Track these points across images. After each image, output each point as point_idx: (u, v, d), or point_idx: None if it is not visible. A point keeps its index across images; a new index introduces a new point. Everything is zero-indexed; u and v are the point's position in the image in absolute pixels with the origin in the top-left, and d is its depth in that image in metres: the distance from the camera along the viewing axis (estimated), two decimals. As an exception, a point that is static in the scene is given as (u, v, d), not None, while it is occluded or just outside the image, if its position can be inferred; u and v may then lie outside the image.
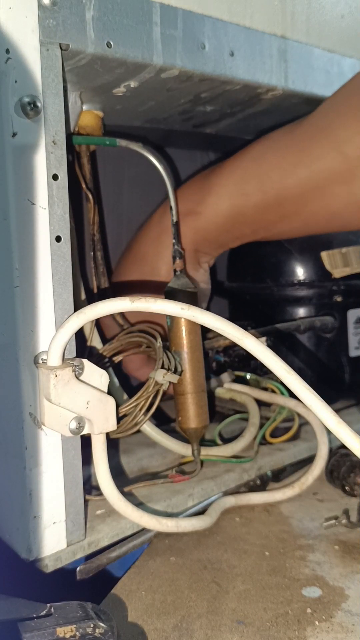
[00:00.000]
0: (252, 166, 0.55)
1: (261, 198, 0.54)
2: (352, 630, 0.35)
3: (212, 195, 0.56)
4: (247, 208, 0.55)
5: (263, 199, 0.54)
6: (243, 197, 0.55)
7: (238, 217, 0.56)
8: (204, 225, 0.56)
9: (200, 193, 0.57)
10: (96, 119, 0.53)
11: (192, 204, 0.57)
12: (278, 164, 0.54)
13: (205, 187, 0.57)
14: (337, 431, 0.35)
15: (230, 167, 0.57)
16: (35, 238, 0.37)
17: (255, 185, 0.54)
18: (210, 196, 0.56)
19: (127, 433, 0.48)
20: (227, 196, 0.55)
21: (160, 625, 0.36)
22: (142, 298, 0.36)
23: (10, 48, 0.35)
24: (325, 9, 0.56)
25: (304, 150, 0.52)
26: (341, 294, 0.64)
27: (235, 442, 0.54)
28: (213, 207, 0.56)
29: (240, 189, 0.55)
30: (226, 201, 0.55)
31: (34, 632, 0.29)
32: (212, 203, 0.56)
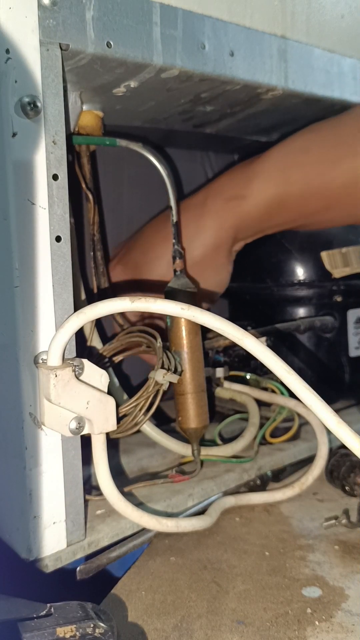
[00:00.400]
0: (298, 156, 0.57)
1: (305, 187, 0.56)
2: (352, 630, 0.35)
3: (258, 180, 0.57)
4: (290, 196, 0.57)
5: (307, 189, 0.56)
6: (288, 185, 0.57)
7: (281, 204, 0.58)
8: (248, 209, 0.58)
9: (246, 178, 0.58)
10: (96, 119, 0.53)
11: (237, 188, 0.58)
12: (323, 156, 0.56)
13: (250, 172, 0.58)
14: (337, 431, 0.35)
15: (277, 155, 0.58)
16: (35, 238, 0.37)
17: (300, 175, 0.56)
18: (256, 181, 0.57)
19: (127, 433, 0.48)
20: (273, 182, 0.57)
21: (160, 625, 0.36)
22: (142, 298, 0.36)
23: (10, 48, 0.35)
24: (325, 9, 0.56)
25: (349, 144, 0.55)
26: (341, 294, 0.64)
27: (235, 442, 0.54)
28: (258, 192, 0.57)
29: (286, 177, 0.57)
30: (271, 187, 0.57)
31: (34, 632, 0.29)
32: (258, 188, 0.57)
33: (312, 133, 0.58)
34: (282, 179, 0.57)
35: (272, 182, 0.57)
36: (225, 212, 0.58)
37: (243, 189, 0.58)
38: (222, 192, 0.58)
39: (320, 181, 0.56)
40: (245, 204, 0.57)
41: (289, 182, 0.57)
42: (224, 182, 0.59)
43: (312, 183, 0.56)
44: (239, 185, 0.58)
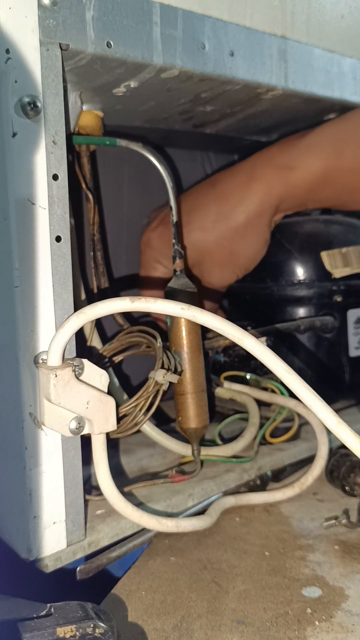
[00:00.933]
0: (352, 132, 0.59)
1: (355, 163, 0.58)
2: (352, 630, 0.35)
3: (309, 152, 0.59)
4: (339, 170, 0.59)
5: (356, 164, 0.58)
6: (338, 159, 0.58)
7: (329, 178, 0.59)
8: (296, 180, 0.59)
9: (297, 148, 0.60)
10: (96, 119, 0.53)
11: (288, 158, 0.59)
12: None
13: (303, 144, 0.60)
14: (337, 431, 0.35)
15: (330, 130, 0.60)
16: (35, 238, 0.37)
17: (352, 149, 0.58)
18: (307, 153, 0.59)
19: (127, 433, 0.48)
20: (324, 155, 0.59)
21: (160, 625, 0.36)
22: (142, 298, 0.36)
23: (10, 48, 0.35)
24: (325, 9, 0.56)
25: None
26: (341, 294, 0.64)
27: (235, 442, 0.54)
28: (308, 164, 0.59)
29: (337, 151, 0.58)
30: (321, 159, 0.58)
31: (34, 632, 0.29)
32: (308, 160, 0.59)
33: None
34: (334, 152, 0.59)
35: (323, 154, 0.59)
36: (274, 179, 0.59)
37: (294, 159, 0.59)
38: (272, 160, 0.60)
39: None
40: (295, 174, 0.59)
41: (340, 157, 0.58)
42: (275, 152, 0.61)
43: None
44: (290, 155, 0.60)
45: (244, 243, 0.61)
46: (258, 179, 0.60)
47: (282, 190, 0.60)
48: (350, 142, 0.58)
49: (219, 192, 0.61)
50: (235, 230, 0.60)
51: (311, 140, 0.60)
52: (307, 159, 0.59)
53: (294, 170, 0.59)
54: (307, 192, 0.60)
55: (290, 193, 0.60)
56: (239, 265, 0.63)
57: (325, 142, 0.59)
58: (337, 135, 0.59)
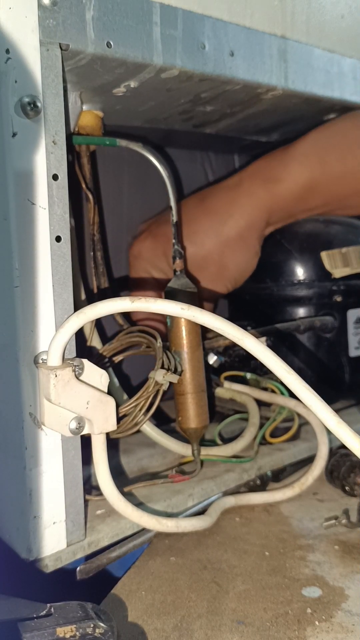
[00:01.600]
0: (336, 138, 0.59)
1: (341, 169, 0.58)
2: (352, 630, 0.35)
3: (294, 163, 0.59)
4: (326, 178, 0.59)
5: (342, 170, 0.58)
6: (324, 166, 0.59)
7: (317, 187, 0.59)
8: (283, 192, 0.59)
9: (282, 161, 0.60)
10: (96, 119, 0.53)
11: (273, 171, 0.60)
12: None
13: (288, 155, 0.60)
14: (337, 431, 0.35)
15: (313, 138, 0.60)
16: (35, 238, 0.37)
17: (336, 156, 0.58)
18: (292, 164, 0.59)
19: (127, 433, 0.48)
20: (309, 164, 0.59)
21: (160, 625, 0.36)
22: (142, 298, 0.36)
23: (10, 48, 0.35)
24: (325, 9, 0.56)
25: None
26: (341, 294, 0.64)
27: (235, 442, 0.54)
28: (294, 174, 0.59)
29: (322, 158, 0.59)
30: (307, 169, 0.59)
31: (34, 632, 0.29)
32: (294, 170, 0.59)
33: (349, 118, 0.60)
34: (318, 161, 0.59)
35: (308, 164, 0.59)
36: (261, 193, 0.59)
37: (280, 171, 0.59)
38: (258, 175, 0.60)
39: (355, 164, 0.58)
40: (282, 186, 0.59)
41: (326, 164, 0.58)
42: (261, 166, 0.61)
43: (348, 164, 0.58)
44: (275, 168, 0.60)
45: (235, 257, 0.61)
46: (245, 194, 0.60)
47: (271, 203, 0.60)
48: (333, 149, 0.59)
49: (208, 207, 0.61)
50: (226, 244, 0.60)
51: (295, 150, 0.60)
52: (293, 170, 0.59)
53: (281, 183, 0.59)
54: (296, 203, 0.60)
55: (279, 205, 0.60)
56: (230, 278, 0.62)
57: (309, 150, 0.59)
58: (320, 143, 0.59)
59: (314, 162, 0.59)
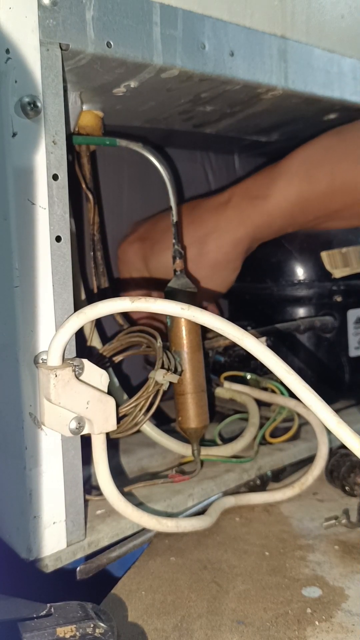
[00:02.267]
0: (323, 154, 0.58)
1: (329, 185, 0.57)
2: (352, 630, 0.35)
3: (282, 179, 0.58)
4: (314, 194, 0.58)
5: (330, 186, 0.58)
6: (312, 183, 0.58)
7: (305, 203, 0.59)
8: (271, 209, 0.59)
9: (270, 178, 0.59)
10: (96, 119, 0.53)
11: (261, 188, 0.59)
12: (347, 154, 0.58)
13: (275, 172, 0.59)
14: (337, 431, 0.35)
15: (301, 155, 0.59)
16: (35, 238, 0.37)
17: (324, 172, 0.58)
18: (280, 180, 0.58)
19: (127, 433, 0.48)
20: (297, 181, 0.58)
21: (160, 625, 0.36)
22: (142, 298, 0.36)
23: (11, 48, 0.35)
24: (325, 9, 0.56)
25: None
26: (341, 294, 0.64)
27: (235, 442, 0.54)
28: (282, 191, 0.58)
29: (310, 175, 0.58)
30: (295, 186, 0.58)
31: (34, 632, 0.29)
32: (281, 187, 0.58)
33: (336, 134, 0.60)
34: (306, 177, 0.58)
35: (296, 181, 0.58)
36: (248, 210, 0.59)
37: (267, 188, 0.59)
38: (247, 192, 0.60)
39: (343, 178, 0.57)
40: (269, 203, 0.58)
41: (313, 180, 0.58)
42: (249, 183, 0.60)
43: (336, 180, 0.57)
44: (263, 185, 0.59)
45: (214, 271, 0.60)
46: (232, 211, 0.59)
47: (258, 220, 0.59)
48: (321, 164, 0.58)
49: (196, 217, 0.61)
50: (207, 258, 0.59)
51: (283, 168, 0.59)
52: (280, 187, 0.58)
53: (268, 200, 0.58)
54: (284, 220, 0.60)
55: (266, 222, 0.59)
56: (208, 293, 0.61)
57: (296, 167, 0.59)
58: (308, 159, 0.59)
59: (302, 178, 0.58)
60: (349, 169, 0.57)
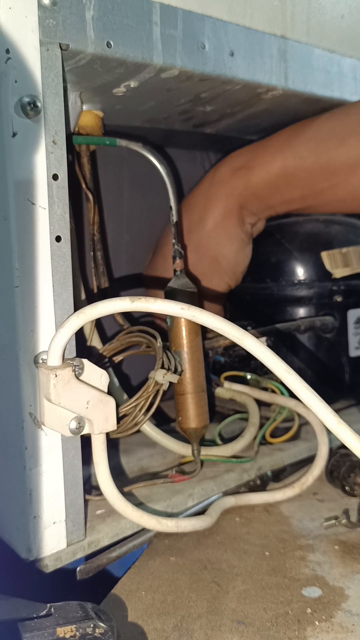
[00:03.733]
0: (308, 132, 0.59)
1: (314, 162, 0.58)
2: (352, 631, 0.35)
3: (267, 153, 0.59)
4: (299, 170, 0.58)
5: (315, 163, 0.58)
6: (297, 159, 0.58)
7: (289, 178, 0.59)
8: (255, 180, 0.59)
9: (255, 151, 0.60)
10: (96, 119, 0.53)
11: (245, 159, 0.60)
12: (332, 133, 0.58)
13: (260, 146, 0.60)
14: (337, 431, 0.35)
15: (288, 132, 0.60)
16: (35, 238, 0.37)
17: (310, 149, 0.58)
18: (265, 154, 0.59)
19: (127, 433, 0.48)
20: (281, 155, 0.59)
21: (160, 625, 0.36)
22: (142, 298, 0.36)
23: (11, 48, 0.35)
24: (325, 9, 0.56)
25: (357, 123, 0.57)
26: (341, 294, 0.64)
27: (235, 442, 0.54)
28: (265, 164, 0.59)
29: (295, 151, 0.58)
30: (279, 160, 0.58)
31: (34, 632, 0.29)
32: (265, 160, 0.59)
33: (323, 115, 0.60)
34: (291, 152, 0.58)
35: (280, 155, 0.58)
36: (233, 180, 0.60)
37: (251, 160, 0.60)
38: (231, 164, 0.61)
39: (329, 157, 0.57)
40: (252, 174, 0.59)
41: (298, 156, 0.58)
42: (233, 155, 0.61)
43: (321, 157, 0.57)
44: (247, 157, 0.60)
45: (219, 247, 0.61)
46: (217, 183, 0.60)
47: (242, 191, 0.60)
48: (306, 141, 0.58)
49: (187, 204, 0.63)
50: (208, 236, 0.60)
51: (268, 142, 0.60)
52: (264, 159, 0.59)
53: (252, 170, 0.59)
54: (270, 193, 0.60)
55: (251, 192, 0.60)
56: (226, 271, 0.63)
57: (281, 142, 0.59)
58: (293, 135, 0.59)
59: (287, 153, 0.59)
60: (334, 148, 0.57)
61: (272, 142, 0.60)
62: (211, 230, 0.61)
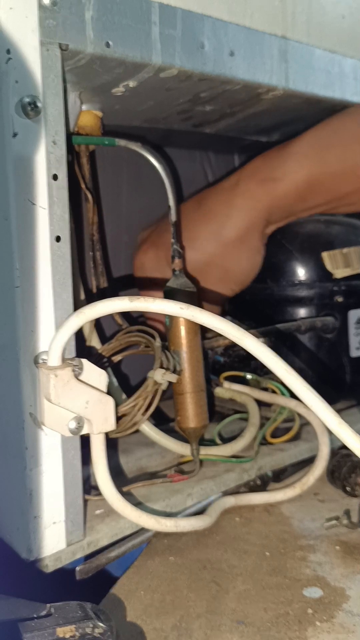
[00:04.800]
0: (333, 136, 0.58)
1: (340, 167, 0.57)
2: (353, 631, 0.35)
3: (292, 162, 0.58)
4: (325, 176, 0.58)
5: (341, 168, 0.57)
6: (322, 165, 0.57)
7: (315, 186, 0.58)
8: (282, 192, 0.58)
9: (280, 159, 0.59)
10: (95, 119, 0.53)
11: (271, 170, 0.58)
12: (358, 136, 0.57)
13: (284, 154, 0.59)
14: (338, 431, 0.35)
15: (311, 136, 0.59)
16: (35, 238, 0.37)
17: (335, 154, 0.57)
18: (290, 163, 0.58)
19: (126, 433, 0.48)
20: (307, 163, 0.58)
21: (159, 625, 0.36)
22: (141, 298, 0.36)
23: (11, 48, 0.36)
24: (326, 10, 0.56)
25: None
26: (342, 294, 0.64)
27: (234, 442, 0.54)
28: (292, 174, 0.58)
29: (321, 157, 0.58)
30: (305, 168, 0.58)
31: (34, 632, 0.29)
32: (292, 170, 0.58)
33: (347, 114, 0.60)
34: (316, 159, 0.58)
35: (306, 162, 0.58)
36: (259, 193, 0.58)
37: (277, 170, 0.58)
38: (256, 174, 0.59)
39: (354, 161, 0.57)
40: (279, 186, 0.58)
41: (324, 162, 0.57)
42: (257, 165, 0.60)
43: (346, 162, 0.57)
44: (272, 167, 0.59)
45: (237, 260, 0.60)
46: (242, 195, 0.59)
47: (269, 203, 0.59)
48: (332, 147, 0.58)
49: (206, 210, 0.61)
50: (226, 247, 0.59)
51: (292, 149, 0.59)
52: (290, 169, 0.58)
53: (279, 182, 0.58)
54: (295, 202, 0.60)
55: (277, 205, 0.59)
56: (235, 281, 0.62)
57: (307, 149, 0.58)
58: (318, 141, 0.59)
59: (313, 161, 0.58)
60: (357, 151, 0.57)
61: (295, 149, 0.59)
62: (231, 242, 0.59)
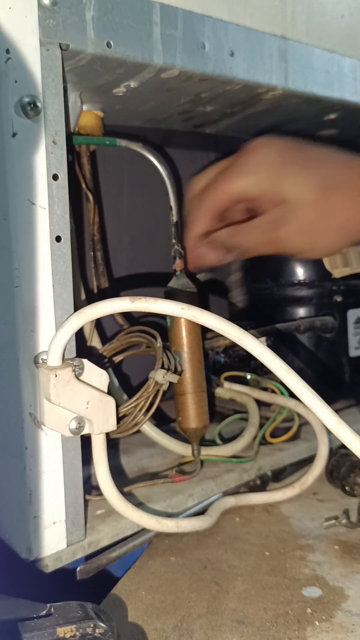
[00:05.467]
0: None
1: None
2: (352, 631, 0.35)
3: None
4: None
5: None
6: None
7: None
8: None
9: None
10: (96, 119, 0.53)
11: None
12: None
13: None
14: (337, 431, 0.35)
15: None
16: (35, 238, 0.37)
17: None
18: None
19: (127, 433, 0.48)
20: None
21: (160, 625, 0.36)
22: (142, 298, 0.36)
23: (11, 48, 0.35)
24: (326, 9, 0.56)
25: None
26: (341, 294, 0.64)
27: (235, 442, 0.54)
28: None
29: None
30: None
31: (34, 632, 0.29)
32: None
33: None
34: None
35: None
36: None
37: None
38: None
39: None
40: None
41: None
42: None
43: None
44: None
45: (330, 229, 0.51)
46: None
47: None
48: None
49: (314, 159, 0.52)
50: (330, 209, 0.50)
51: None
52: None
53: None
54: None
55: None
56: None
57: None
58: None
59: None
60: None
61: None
62: (340, 212, 0.50)
